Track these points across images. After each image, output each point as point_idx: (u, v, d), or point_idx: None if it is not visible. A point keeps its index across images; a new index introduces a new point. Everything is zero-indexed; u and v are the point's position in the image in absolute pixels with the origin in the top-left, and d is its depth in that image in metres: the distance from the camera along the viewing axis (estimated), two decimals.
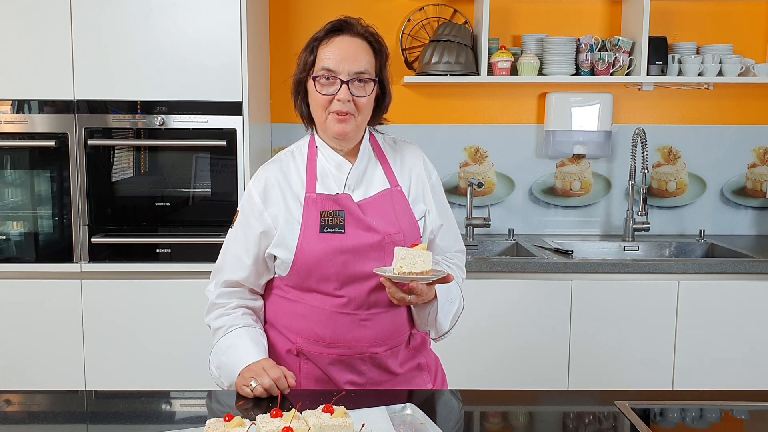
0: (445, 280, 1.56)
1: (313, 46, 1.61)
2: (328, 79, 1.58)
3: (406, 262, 1.49)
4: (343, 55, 1.57)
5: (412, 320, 1.71)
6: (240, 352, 1.59)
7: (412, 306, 1.66)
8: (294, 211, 1.62)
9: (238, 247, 1.66)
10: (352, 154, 1.68)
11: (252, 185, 1.67)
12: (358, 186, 1.66)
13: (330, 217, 1.60)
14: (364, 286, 1.60)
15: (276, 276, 1.68)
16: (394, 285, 1.52)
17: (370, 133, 1.73)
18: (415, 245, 1.53)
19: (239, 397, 1.52)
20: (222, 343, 1.64)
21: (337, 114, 1.58)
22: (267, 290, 1.72)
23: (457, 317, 1.73)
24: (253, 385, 1.48)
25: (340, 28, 1.60)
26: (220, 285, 1.68)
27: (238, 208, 1.70)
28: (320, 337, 1.62)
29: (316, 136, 1.70)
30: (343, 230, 1.60)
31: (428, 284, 1.55)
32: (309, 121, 1.68)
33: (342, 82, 1.57)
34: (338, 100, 1.57)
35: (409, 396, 1.58)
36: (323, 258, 1.58)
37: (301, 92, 1.66)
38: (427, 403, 1.55)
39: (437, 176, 1.79)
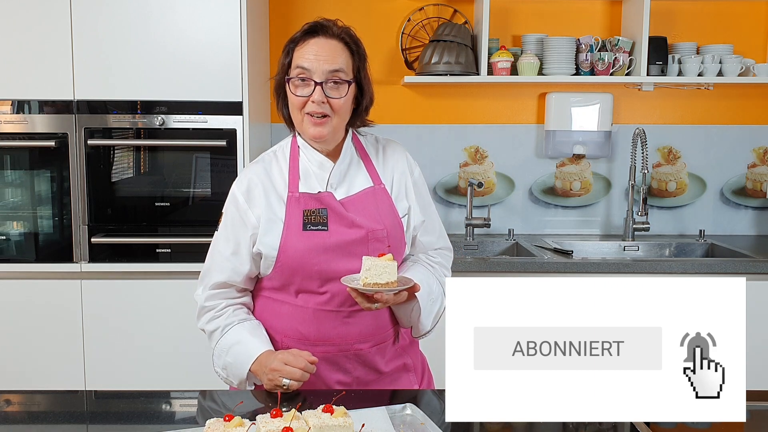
0: (412, 290, 1.56)
1: (288, 49, 1.62)
2: (303, 81, 1.58)
3: (371, 273, 1.49)
4: (317, 56, 1.57)
5: (395, 317, 1.71)
6: (242, 347, 1.60)
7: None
8: (277, 210, 1.62)
9: (224, 247, 1.66)
10: (334, 153, 1.69)
11: (235, 186, 1.68)
12: (340, 184, 1.67)
13: (313, 215, 1.61)
14: None
15: (259, 276, 1.68)
16: (360, 295, 1.52)
17: (353, 133, 1.73)
18: (382, 255, 1.52)
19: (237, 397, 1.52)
20: (222, 344, 1.64)
21: (313, 116, 1.58)
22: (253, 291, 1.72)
23: (439, 316, 1.72)
24: (286, 383, 1.49)
25: (315, 30, 1.60)
26: (208, 288, 1.68)
27: (222, 210, 1.70)
28: (305, 336, 1.63)
29: (298, 136, 1.70)
30: (326, 228, 1.60)
31: (395, 294, 1.54)
32: (291, 123, 1.69)
33: (316, 83, 1.56)
34: (313, 102, 1.57)
35: (409, 396, 1.58)
36: (306, 256, 1.58)
37: (281, 95, 1.66)
38: (428, 403, 1.55)
39: (420, 172, 1.78)
